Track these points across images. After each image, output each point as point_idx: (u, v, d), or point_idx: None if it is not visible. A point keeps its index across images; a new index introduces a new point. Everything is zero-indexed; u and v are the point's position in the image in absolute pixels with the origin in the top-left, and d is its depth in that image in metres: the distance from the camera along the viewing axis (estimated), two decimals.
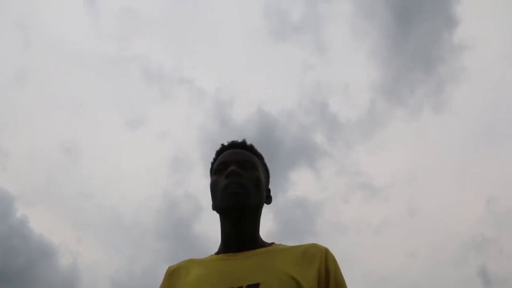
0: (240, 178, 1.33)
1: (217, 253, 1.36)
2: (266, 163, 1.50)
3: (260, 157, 1.48)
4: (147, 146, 22.48)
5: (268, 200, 1.44)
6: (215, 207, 1.39)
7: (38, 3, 24.86)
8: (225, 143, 1.48)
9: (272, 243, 1.37)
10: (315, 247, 1.31)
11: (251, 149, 1.47)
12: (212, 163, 1.48)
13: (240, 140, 1.49)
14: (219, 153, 1.48)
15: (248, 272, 1.23)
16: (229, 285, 1.20)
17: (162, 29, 26.62)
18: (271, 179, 1.52)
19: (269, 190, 1.46)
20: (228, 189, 1.31)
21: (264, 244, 1.35)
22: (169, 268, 1.39)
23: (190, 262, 1.36)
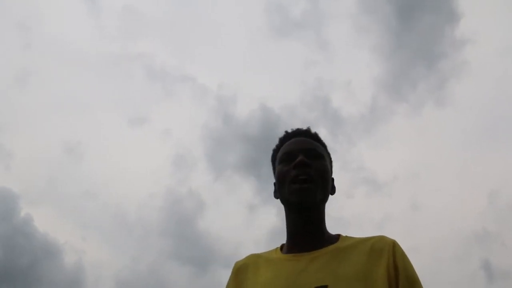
0: (309, 169, 1.31)
1: (284, 249, 1.35)
2: (329, 152, 1.46)
3: (324, 145, 1.45)
4: (150, 144, 22.53)
5: (333, 190, 1.41)
6: (281, 198, 1.36)
7: (39, 4, 24.90)
8: (289, 130, 1.46)
9: (339, 236, 1.35)
10: (382, 241, 1.29)
11: (315, 137, 1.44)
12: (275, 150, 1.46)
13: (304, 127, 1.46)
14: (282, 140, 1.45)
15: (315, 274, 1.21)
16: (296, 287, 1.20)
17: (164, 27, 26.64)
18: (271, 175, 1.47)
19: (333, 180, 1.43)
20: (297, 183, 1.29)
21: (331, 239, 1.33)
22: (236, 263, 1.38)
23: (257, 259, 1.36)
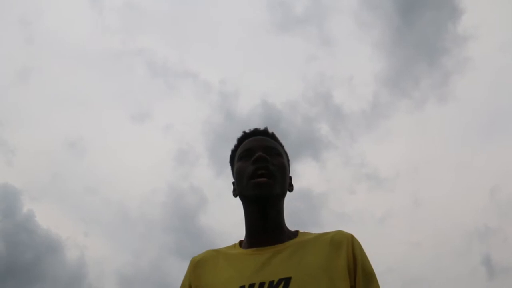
0: (267, 164, 1.34)
1: (244, 245, 1.37)
2: (286, 152, 1.50)
3: (281, 145, 1.49)
4: (152, 140, 22.54)
5: (291, 187, 1.44)
6: (240, 194, 1.39)
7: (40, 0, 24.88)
8: (247, 131, 1.49)
9: (297, 232, 1.38)
10: (340, 234, 1.33)
11: (273, 136, 1.48)
12: (234, 151, 1.49)
13: (262, 128, 1.49)
14: (241, 140, 1.48)
15: (279, 267, 1.24)
16: (261, 279, 1.21)
17: (165, 22, 26.61)
18: None
19: (290, 178, 1.46)
20: (255, 178, 1.32)
21: (290, 234, 1.36)
22: (194, 258, 1.39)
23: (216, 254, 1.37)
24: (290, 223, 1.40)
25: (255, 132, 1.48)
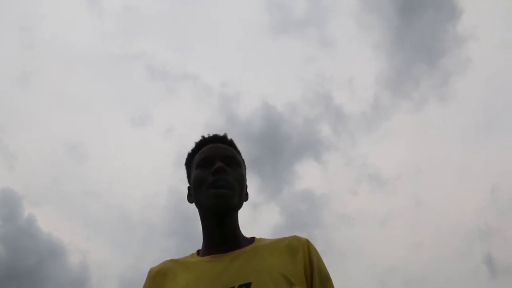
0: (227, 176, 1.33)
1: (202, 253, 1.36)
2: (243, 159, 1.49)
3: (239, 152, 1.48)
4: (152, 143, 22.55)
5: (246, 197, 1.43)
6: (197, 203, 1.39)
7: (40, 4, 24.93)
8: (206, 136, 1.48)
9: (253, 238, 1.39)
10: (296, 240, 1.34)
11: (231, 144, 1.46)
12: (191, 154, 1.47)
13: (221, 134, 1.48)
14: (199, 145, 1.46)
15: (238, 272, 1.24)
16: (221, 286, 1.21)
17: (164, 25, 26.66)
18: (274, 173, 1.54)
19: (246, 187, 1.44)
20: (215, 188, 1.31)
21: (247, 241, 1.37)
22: (152, 269, 1.37)
23: (174, 264, 1.36)
24: (292, 224, 1.41)
25: (214, 139, 1.46)
